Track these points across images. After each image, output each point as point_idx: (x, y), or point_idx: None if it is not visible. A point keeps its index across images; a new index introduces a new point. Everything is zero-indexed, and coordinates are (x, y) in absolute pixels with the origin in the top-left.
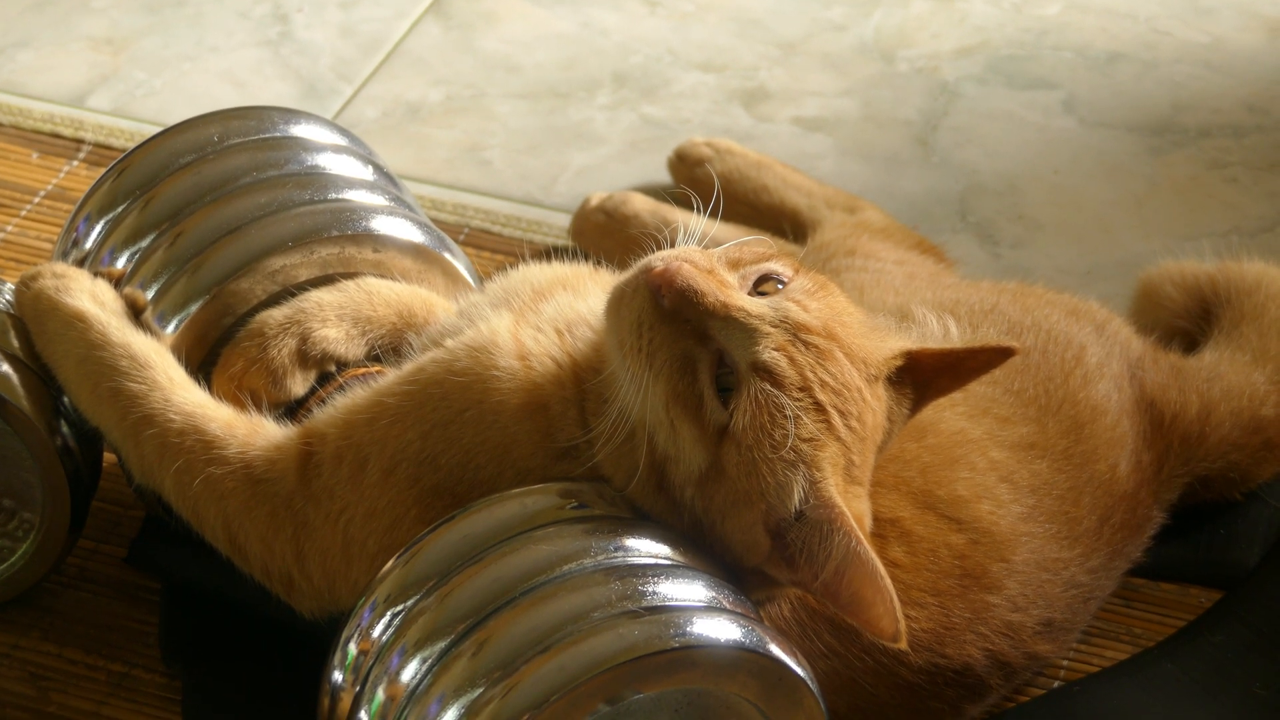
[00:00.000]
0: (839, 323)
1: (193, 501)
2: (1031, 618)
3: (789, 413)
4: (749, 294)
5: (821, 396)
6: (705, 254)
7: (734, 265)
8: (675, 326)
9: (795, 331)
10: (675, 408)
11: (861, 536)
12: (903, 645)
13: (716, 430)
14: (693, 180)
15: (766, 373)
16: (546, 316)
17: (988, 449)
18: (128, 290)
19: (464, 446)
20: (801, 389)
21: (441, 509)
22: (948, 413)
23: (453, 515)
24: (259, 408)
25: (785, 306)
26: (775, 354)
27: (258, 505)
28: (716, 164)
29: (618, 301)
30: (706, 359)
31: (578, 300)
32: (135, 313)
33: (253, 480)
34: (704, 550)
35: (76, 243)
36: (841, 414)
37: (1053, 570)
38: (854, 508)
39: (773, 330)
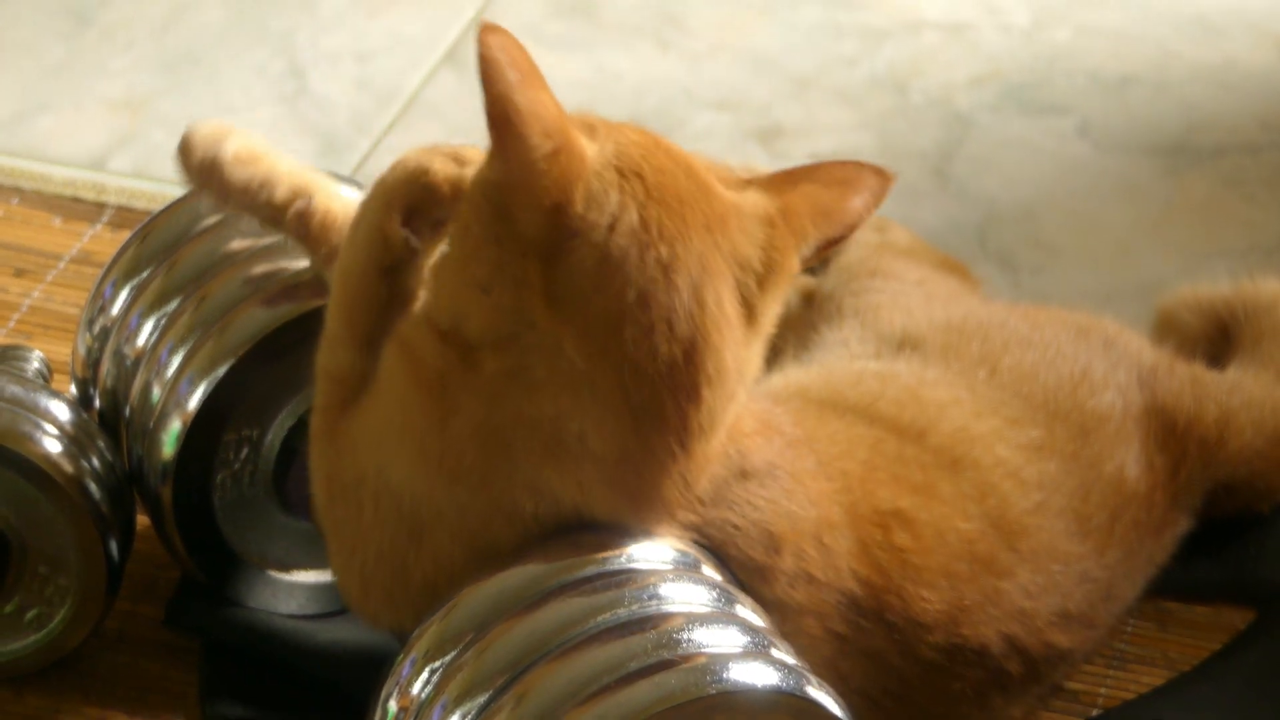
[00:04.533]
0: None
1: None
2: (1045, 606)
3: None
4: None
5: None
6: None
7: None
8: None
9: None
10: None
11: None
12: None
13: None
14: None
15: None
16: None
17: (993, 446)
18: None
19: None
20: None
21: None
22: (951, 410)
23: (487, 570)
24: None
25: None
26: None
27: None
28: None
29: None
30: None
31: None
32: None
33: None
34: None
35: (103, 308)
36: None
37: (1064, 562)
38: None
39: None
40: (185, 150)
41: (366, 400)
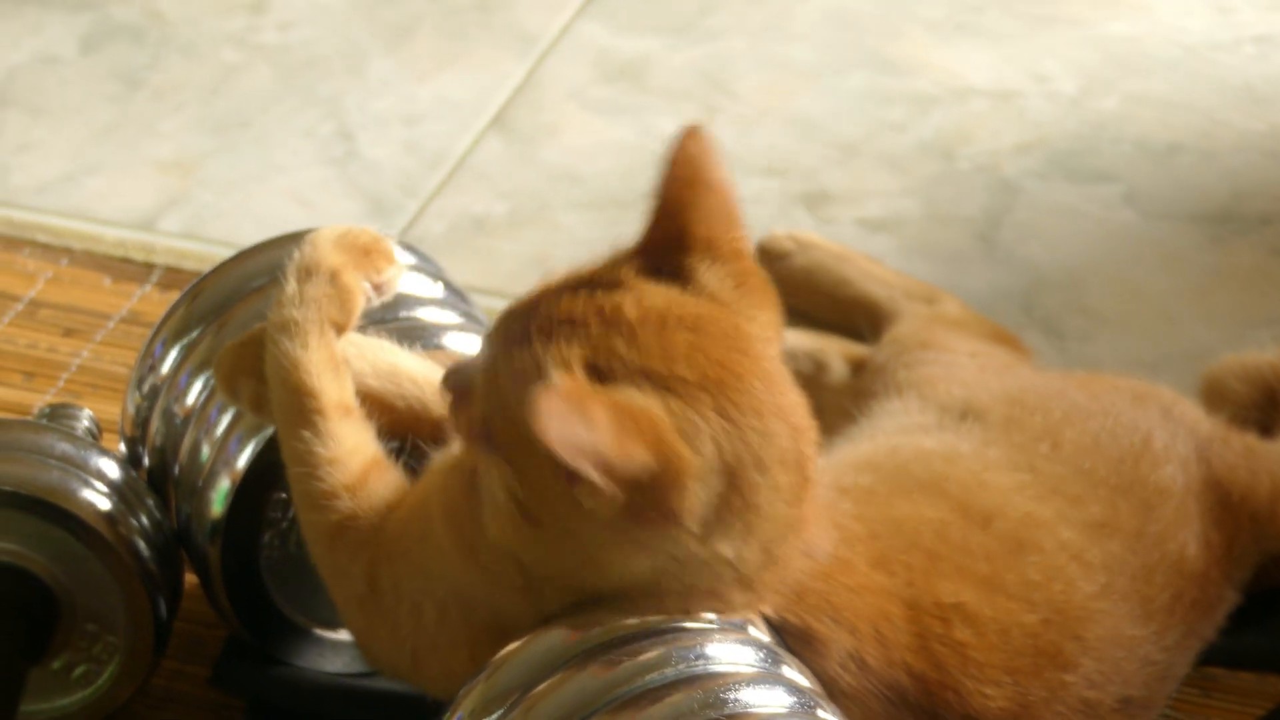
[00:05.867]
0: None
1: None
2: (1109, 695)
3: None
4: None
5: None
6: None
7: None
8: None
9: None
10: None
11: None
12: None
13: None
14: (775, 274)
15: None
16: None
17: (1057, 529)
18: None
19: None
20: None
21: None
22: (1015, 496)
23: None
24: None
25: None
26: None
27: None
28: (798, 257)
29: None
30: None
31: None
32: None
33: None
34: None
35: (153, 367)
36: None
37: (1127, 648)
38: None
39: None
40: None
41: (424, 526)
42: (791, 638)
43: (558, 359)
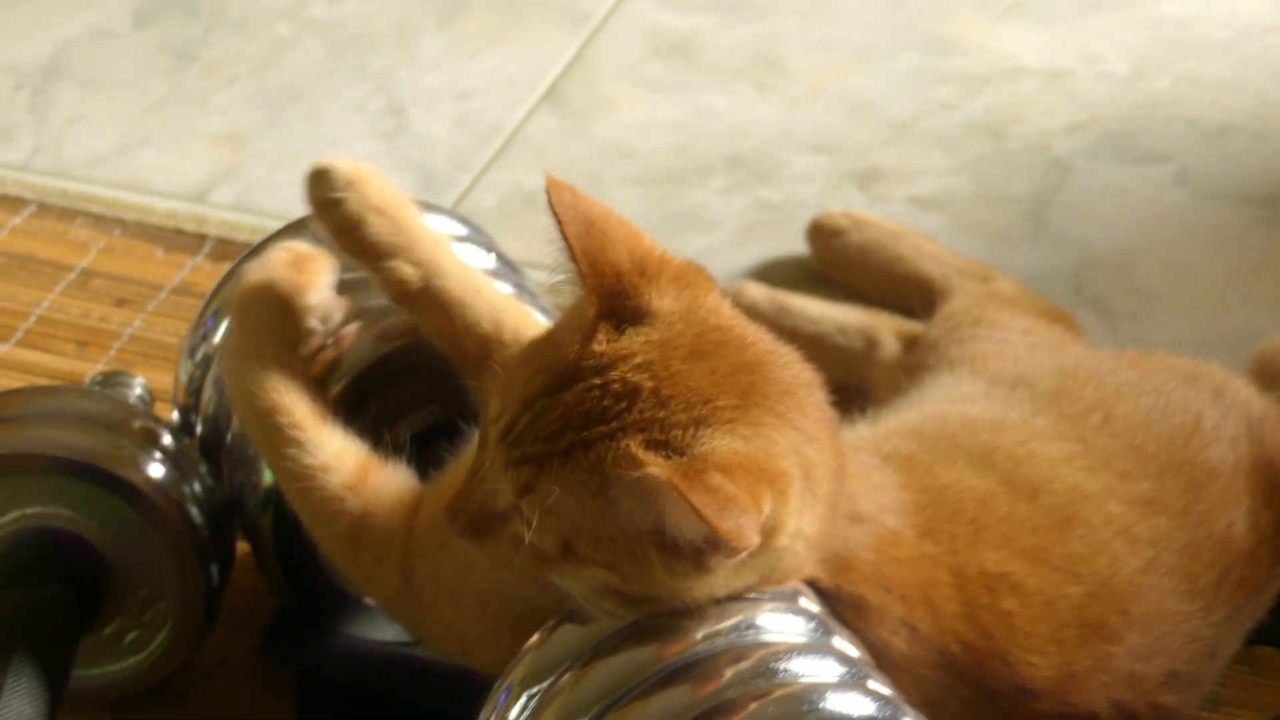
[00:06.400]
0: None
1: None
2: (1155, 668)
3: None
4: None
5: None
6: None
7: None
8: None
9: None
10: None
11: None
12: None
13: None
14: (829, 251)
15: None
16: None
17: (1104, 503)
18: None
19: None
20: None
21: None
22: (1063, 467)
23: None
24: None
25: None
26: None
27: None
28: (853, 235)
29: None
30: None
31: None
32: None
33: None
34: (840, 626)
35: (205, 337)
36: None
37: (1173, 622)
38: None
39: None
40: (320, 182)
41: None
42: (844, 606)
43: (625, 458)
